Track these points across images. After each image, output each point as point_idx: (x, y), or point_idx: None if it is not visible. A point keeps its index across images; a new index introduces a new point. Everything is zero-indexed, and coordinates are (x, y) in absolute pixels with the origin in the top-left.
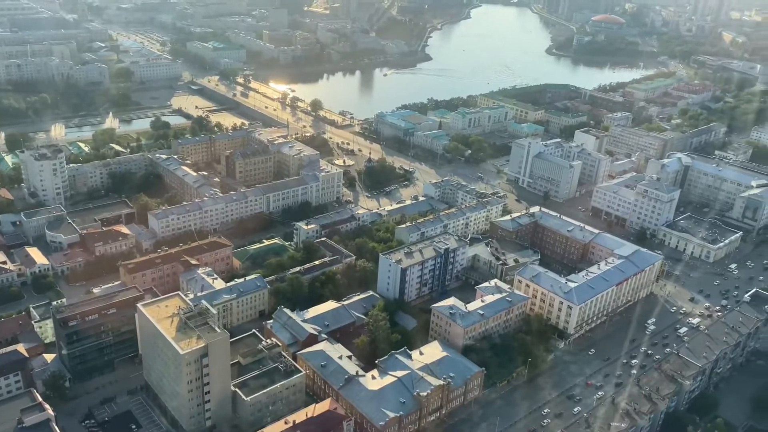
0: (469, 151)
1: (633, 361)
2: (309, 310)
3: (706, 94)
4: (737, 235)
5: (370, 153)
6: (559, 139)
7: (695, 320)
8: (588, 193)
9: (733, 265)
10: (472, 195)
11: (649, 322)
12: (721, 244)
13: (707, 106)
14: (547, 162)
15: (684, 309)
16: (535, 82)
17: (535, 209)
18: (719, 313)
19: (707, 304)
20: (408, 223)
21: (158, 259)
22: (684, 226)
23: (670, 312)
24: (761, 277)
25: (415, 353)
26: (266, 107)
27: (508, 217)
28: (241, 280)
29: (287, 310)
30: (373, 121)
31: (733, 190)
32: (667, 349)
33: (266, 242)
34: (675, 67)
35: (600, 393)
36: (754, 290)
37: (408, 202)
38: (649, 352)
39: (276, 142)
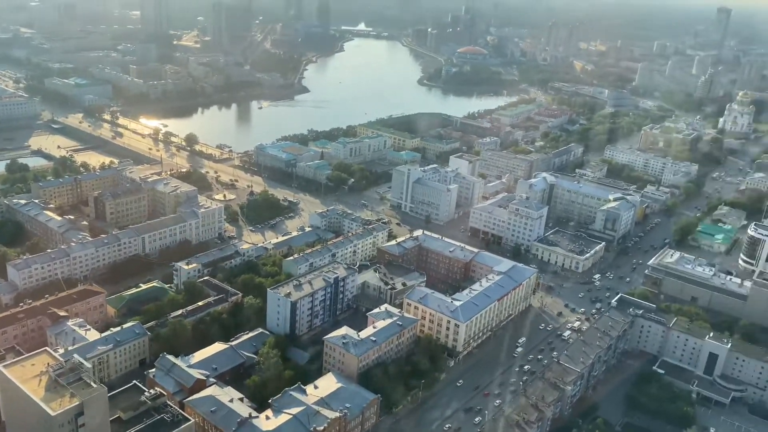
0: (352, 180)
1: (526, 367)
2: (195, 354)
3: (564, 118)
4: (601, 245)
5: (251, 186)
6: (435, 165)
7: (572, 327)
8: (466, 214)
9: (596, 276)
10: (358, 222)
11: (528, 335)
12: (588, 255)
13: (565, 128)
14: (427, 187)
15: (560, 318)
16: (410, 111)
17: (418, 233)
18: (591, 319)
19: (581, 311)
20: (295, 255)
21: (21, 314)
22: (553, 240)
23: (548, 321)
24: (628, 279)
25: (309, 388)
26: (138, 144)
27: (393, 242)
28: (118, 328)
29: (171, 357)
30: (253, 154)
31: (594, 204)
32: (546, 360)
33: (144, 286)
34: (535, 93)
35: (498, 401)
36: (619, 295)
37: (294, 233)
38: (532, 361)
39: (149, 179)
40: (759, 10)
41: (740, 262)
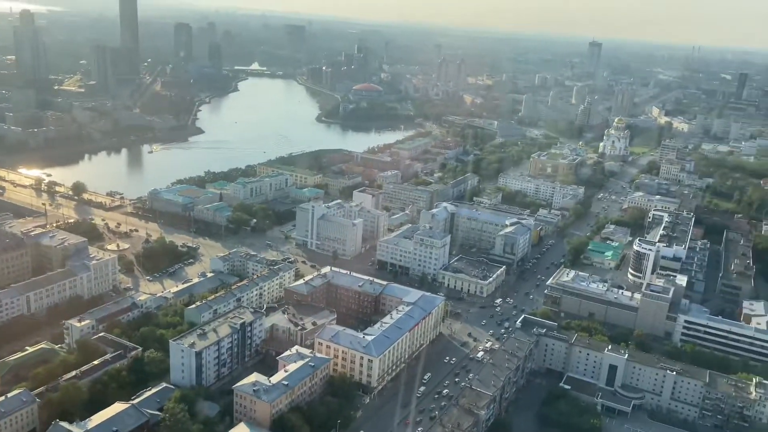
0: (255, 220)
1: (444, 391)
2: (92, 417)
3: (459, 149)
4: (502, 269)
5: (147, 233)
6: (339, 200)
7: (483, 349)
8: (372, 247)
9: (498, 301)
10: (263, 264)
11: (442, 362)
12: (491, 279)
13: (461, 159)
14: (332, 223)
15: (470, 342)
16: (310, 148)
17: (326, 269)
18: (499, 341)
19: (490, 334)
20: (198, 303)
21: None
22: (458, 267)
23: (459, 348)
24: (531, 297)
25: None
26: (18, 196)
27: (301, 281)
28: (2, 398)
29: (65, 424)
30: (147, 200)
31: (492, 230)
32: (463, 383)
33: (30, 349)
34: (430, 127)
35: (419, 429)
36: (523, 316)
37: (195, 280)
38: (449, 386)
39: (32, 233)
40: (625, 43)
41: (629, 276)
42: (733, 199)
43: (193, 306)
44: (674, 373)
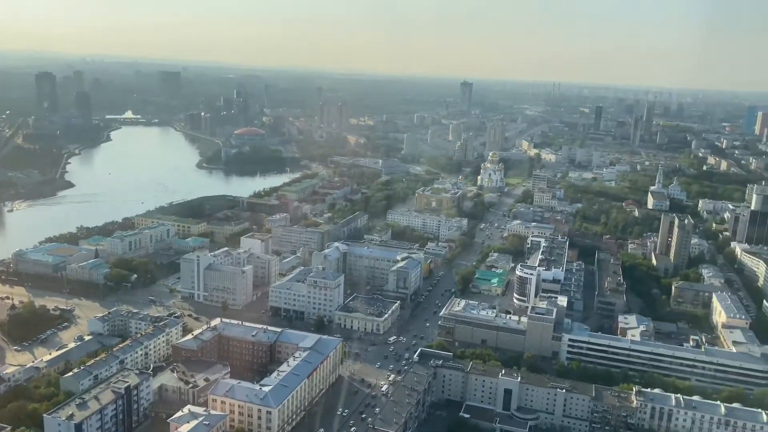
0: (135, 276)
1: (353, 429)
2: None
3: (346, 189)
4: (396, 304)
5: (12, 299)
6: (226, 248)
7: (383, 389)
8: (264, 294)
9: (392, 339)
10: (147, 321)
11: (343, 405)
12: (386, 315)
13: (349, 198)
14: (220, 272)
15: (371, 381)
16: (192, 196)
17: (216, 321)
18: (399, 377)
19: (390, 368)
20: (75, 370)
21: None
22: (353, 306)
23: (360, 388)
24: (427, 326)
25: None
26: None
27: (190, 336)
28: None
29: None
30: (10, 262)
31: (385, 266)
32: (369, 419)
33: None
34: (316, 168)
35: None
36: (419, 350)
37: (71, 345)
38: (356, 423)
39: None
40: (494, 83)
41: (515, 300)
42: (600, 221)
43: (70, 374)
44: (564, 390)
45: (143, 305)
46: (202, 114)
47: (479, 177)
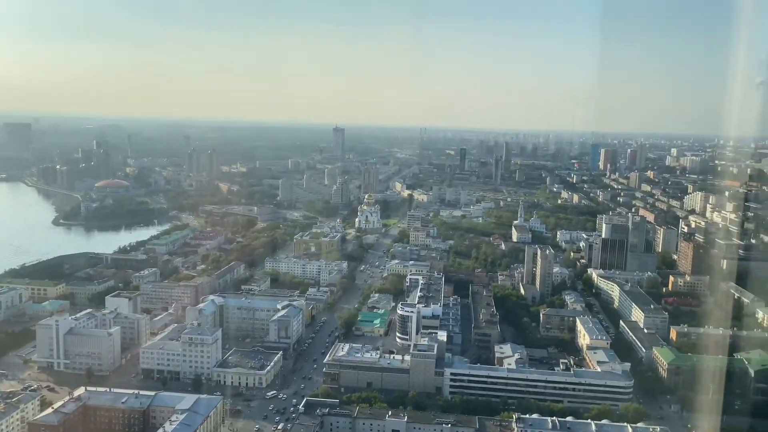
0: None
1: None
2: None
3: (221, 238)
4: (279, 354)
5: None
6: (89, 310)
7: None
8: (135, 356)
9: (273, 392)
10: None
11: None
12: (269, 368)
13: (224, 248)
14: (82, 336)
15: None
16: (49, 255)
17: (80, 391)
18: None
19: (276, 421)
20: None
21: None
22: (233, 361)
23: None
24: (312, 377)
25: None
26: None
27: (49, 410)
28: None
29: None
30: None
31: (265, 316)
32: None
33: None
34: (187, 218)
35: None
36: (305, 399)
37: None
38: None
39: None
40: (366, 128)
41: (397, 339)
42: (471, 256)
43: None
44: (449, 425)
45: None
46: (58, 167)
47: (357, 219)
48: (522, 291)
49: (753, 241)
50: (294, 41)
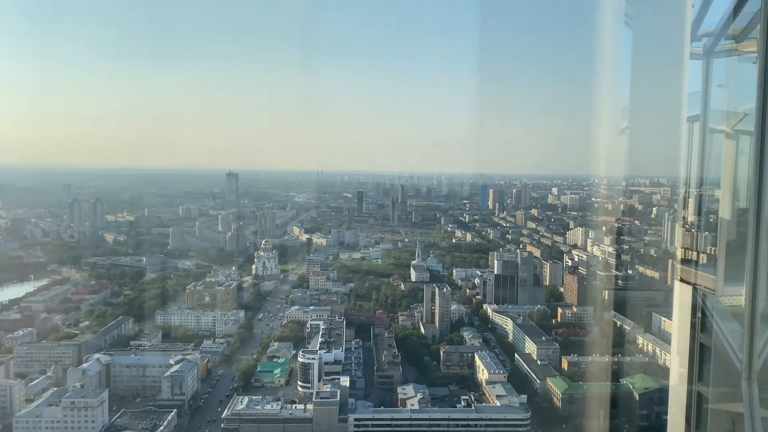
0: None
1: None
2: None
3: (106, 292)
4: (173, 413)
5: None
6: None
7: None
8: (7, 427)
9: None
10: None
11: None
12: (161, 428)
13: (110, 302)
14: None
15: None
16: None
17: None
18: None
19: None
20: None
21: None
22: (122, 424)
23: None
24: None
25: None
26: None
27: None
28: None
29: None
30: None
31: (157, 373)
32: None
33: None
34: (68, 272)
35: None
36: None
37: None
38: None
39: None
40: (261, 172)
41: (299, 388)
42: (372, 298)
43: None
44: None
45: None
46: None
47: (254, 266)
48: (422, 330)
49: (629, 271)
50: (183, 85)
